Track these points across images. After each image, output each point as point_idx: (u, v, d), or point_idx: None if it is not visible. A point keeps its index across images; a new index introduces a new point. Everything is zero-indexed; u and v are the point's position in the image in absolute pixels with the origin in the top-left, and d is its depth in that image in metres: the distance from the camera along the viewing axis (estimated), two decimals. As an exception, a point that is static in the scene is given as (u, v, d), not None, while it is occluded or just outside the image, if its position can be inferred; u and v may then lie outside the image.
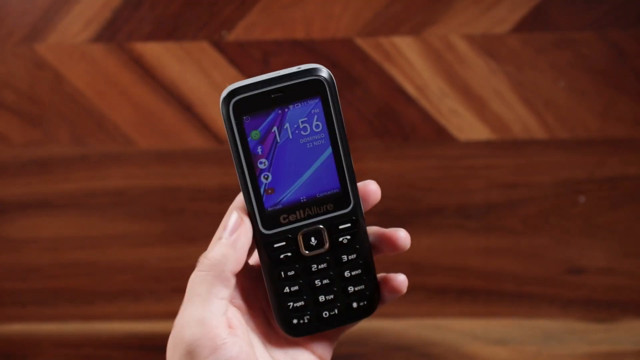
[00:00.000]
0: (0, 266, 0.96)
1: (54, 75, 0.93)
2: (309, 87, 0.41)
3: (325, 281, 0.44)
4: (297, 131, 0.42)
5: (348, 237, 0.44)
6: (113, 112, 0.94)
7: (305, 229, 0.43)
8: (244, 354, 0.42)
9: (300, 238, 0.44)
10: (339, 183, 0.43)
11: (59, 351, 0.97)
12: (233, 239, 0.43)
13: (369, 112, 0.92)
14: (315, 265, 0.44)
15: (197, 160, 0.94)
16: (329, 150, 0.42)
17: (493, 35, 0.90)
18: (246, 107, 0.40)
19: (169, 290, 0.95)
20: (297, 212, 0.43)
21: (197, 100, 0.93)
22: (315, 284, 0.44)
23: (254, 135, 0.41)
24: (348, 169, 0.43)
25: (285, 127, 0.41)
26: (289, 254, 0.43)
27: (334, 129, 0.42)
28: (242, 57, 0.92)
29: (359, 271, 0.45)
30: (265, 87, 0.40)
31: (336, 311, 0.45)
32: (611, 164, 0.92)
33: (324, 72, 0.41)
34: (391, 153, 0.93)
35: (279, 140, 0.41)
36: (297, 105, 0.41)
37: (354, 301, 0.45)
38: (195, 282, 0.44)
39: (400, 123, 0.92)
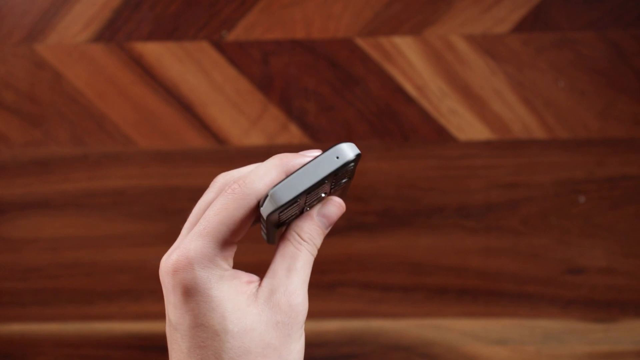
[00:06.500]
0: (0, 266, 0.96)
1: (54, 75, 0.93)
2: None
3: None
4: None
5: None
6: (113, 112, 0.94)
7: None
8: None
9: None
10: None
11: (59, 351, 0.96)
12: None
13: (369, 112, 0.92)
14: None
15: (197, 160, 0.94)
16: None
17: (493, 35, 0.90)
18: None
19: (169, 290, 0.95)
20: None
21: (197, 100, 0.93)
22: None
23: None
24: None
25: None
26: None
27: None
28: (242, 57, 0.92)
29: None
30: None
31: None
32: (611, 164, 0.92)
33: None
34: (391, 153, 0.92)
35: None
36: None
37: None
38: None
39: (400, 123, 0.92)
